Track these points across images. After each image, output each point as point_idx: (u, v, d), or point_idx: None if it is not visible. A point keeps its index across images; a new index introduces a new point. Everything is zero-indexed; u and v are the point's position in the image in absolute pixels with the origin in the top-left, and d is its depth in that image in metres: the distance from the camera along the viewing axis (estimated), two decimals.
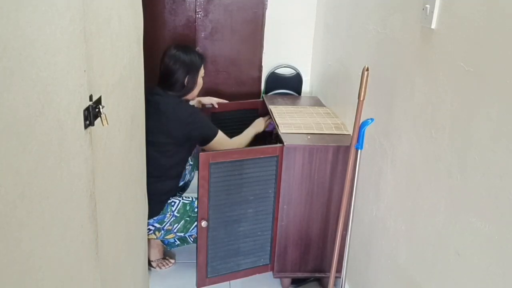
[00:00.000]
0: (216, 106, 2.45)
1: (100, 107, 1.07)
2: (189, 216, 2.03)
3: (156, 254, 2.23)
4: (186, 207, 2.03)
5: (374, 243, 1.64)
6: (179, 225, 2.02)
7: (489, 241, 0.99)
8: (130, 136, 1.43)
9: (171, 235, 2.06)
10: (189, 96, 2.11)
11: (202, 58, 2.11)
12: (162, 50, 2.61)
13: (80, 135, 0.98)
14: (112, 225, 1.28)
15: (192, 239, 2.16)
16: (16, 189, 0.73)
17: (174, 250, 2.36)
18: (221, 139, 2.04)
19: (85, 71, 0.98)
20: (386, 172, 1.54)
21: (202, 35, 2.64)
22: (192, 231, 2.06)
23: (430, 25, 1.23)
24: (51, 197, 0.86)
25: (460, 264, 1.10)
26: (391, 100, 1.51)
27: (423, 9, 1.27)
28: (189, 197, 2.09)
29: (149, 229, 1.99)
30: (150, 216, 1.90)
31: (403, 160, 1.42)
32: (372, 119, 1.54)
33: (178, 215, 2.02)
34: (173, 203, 2.02)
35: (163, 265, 2.23)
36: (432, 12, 1.22)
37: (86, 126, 1.01)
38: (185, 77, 2.02)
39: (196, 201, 1.99)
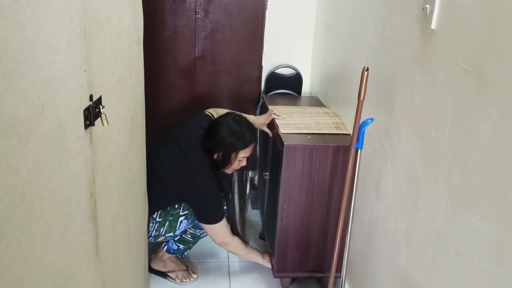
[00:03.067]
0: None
1: (100, 107, 1.07)
2: (171, 216, 1.99)
3: (172, 265, 2.14)
4: (167, 209, 2.00)
5: (374, 243, 1.64)
6: (165, 228, 1.99)
7: (489, 241, 0.99)
8: (130, 136, 1.43)
9: (161, 238, 2.03)
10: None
11: (252, 138, 1.98)
12: (162, 50, 2.64)
13: (80, 135, 0.98)
14: (112, 225, 1.28)
15: (189, 236, 2.10)
16: (16, 189, 0.73)
17: (195, 263, 2.28)
18: (220, 230, 1.96)
19: (85, 71, 0.98)
20: (386, 172, 1.54)
21: (202, 35, 2.64)
22: (180, 228, 2.02)
23: (430, 25, 1.23)
24: (51, 197, 0.86)
25: (460, 264, 1.10)
26: (391, 100, 1.51)
27: (423, 9, 1.27)
28: None
29: None
30: None
31: (403, 160, 1.42)
32: (372, 119, 1.54)
33: (160, 219, 1.98)
34: (153, 212, 1.98)
35: (185, 277, 2.13)
36: (432, 12, 1.22)
37: (86, 126, 1.01)
38: (220, 150, 1.94)
39: None
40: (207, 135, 1.95)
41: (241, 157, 1.97)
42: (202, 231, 2.06)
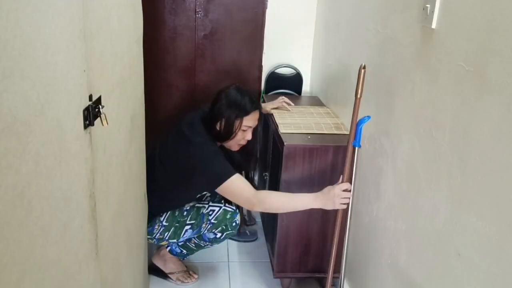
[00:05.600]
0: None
1: (100, 107, 1.07)
2: (178, 222, 1.96)
3: (172, 267, 2.13)
4: (175, 213, 1.97)
5: (374, 243, 1.64)
6: (170, 233, 1.97)
7: (489, 241, 0.99)
8: (130, 136, 1.43)
9: (164, 242, 2.02)
10: (225, 144, 1.88)
11: (255, 104, 1.85)
12: (162, 50, 2.64)
13: (79, 135, 0.98)
14: (112, 225, 1.28)
15: (193, 245, 2.07)
16: (16, 189, 0.73)
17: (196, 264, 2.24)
18: (241, 184, 1.73)
19: (84, 71, 0.98)
20: (386, 172, 1.54)
21: (202, 35, 2.64)
22: (185, 237, 1.98)
23: (431, 25, 1.23)
24: (51, 197, 0.86)
25: (461, 264, 1.10)
26: (391, 99, 1.51)
27: (423, 9, 1.27)
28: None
29: None
30: None
31: (404, 160, 1.42)
32: (368, 117, 1.54)
33: (166, 224, 1.96)
34: (161, 214, 1.96)
35: (185, 278, 2.12)
36: (432, 12, 1.22)
37: (85, 126, 1.00)
38: (221, 119, 1.82)
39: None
40: (210, 109, 1.89)
41: (245, 126, 1.83)
42: (207, 243, 2.02)
